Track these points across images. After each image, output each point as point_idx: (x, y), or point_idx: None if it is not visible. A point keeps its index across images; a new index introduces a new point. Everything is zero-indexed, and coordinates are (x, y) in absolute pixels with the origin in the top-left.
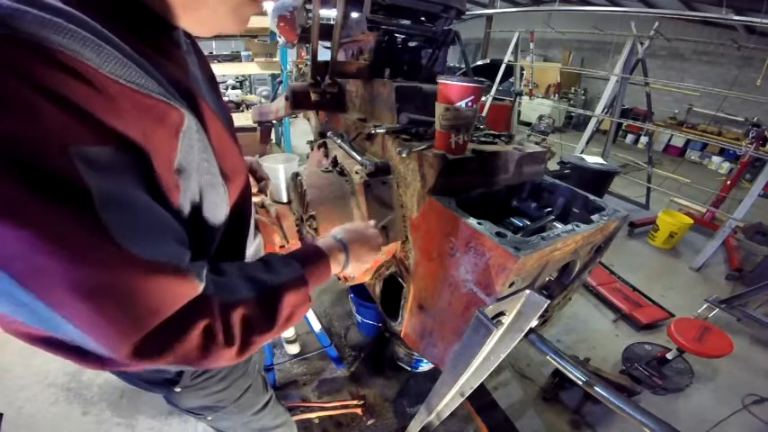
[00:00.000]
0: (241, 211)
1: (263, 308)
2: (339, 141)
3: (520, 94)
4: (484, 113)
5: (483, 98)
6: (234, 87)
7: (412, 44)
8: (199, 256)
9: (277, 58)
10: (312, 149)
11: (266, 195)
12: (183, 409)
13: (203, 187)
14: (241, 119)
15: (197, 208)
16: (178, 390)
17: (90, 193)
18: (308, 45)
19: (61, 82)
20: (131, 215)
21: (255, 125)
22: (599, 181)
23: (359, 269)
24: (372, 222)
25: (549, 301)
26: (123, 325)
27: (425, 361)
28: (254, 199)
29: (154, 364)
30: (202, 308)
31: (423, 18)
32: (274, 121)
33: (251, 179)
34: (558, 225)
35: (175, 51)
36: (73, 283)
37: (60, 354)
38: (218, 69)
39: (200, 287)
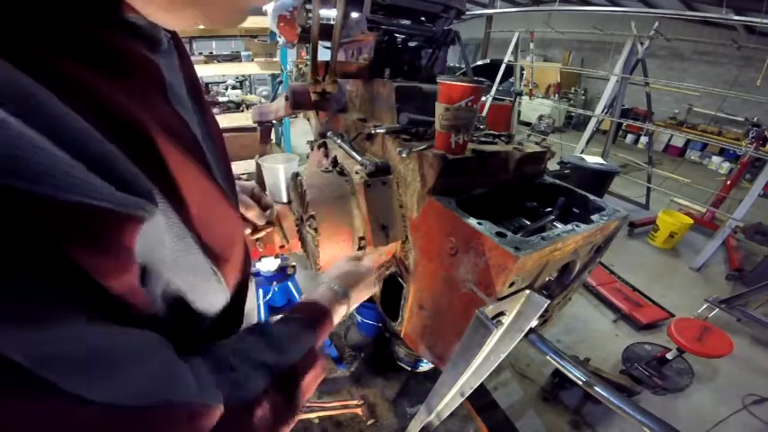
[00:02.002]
0: (240, 288)
1: (283, 395)
2: (339, 141)
3: (520, 94)
4: (484, 113)
5: (483, 98)
6: (234, 87)
7: (412, 44)
8: (187, 341)
9: (277, 58)
10: (312, 149)
11: (273, 224)
12: None
13: (182, 286)
14: (241, 119)
15: (178, 308)
16: None
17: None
18: (308, 45)
19: None
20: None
21: (255, 125)
22: (599, 181)
23: (360, 300)
24: (362, 254)
25: (549, 301)
26: None
27: (425, 361)
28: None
29: None
30: (226, 423)
31: (423, 18)
32: (274, 121)
33: (255, 212)
34: (558, 225)
35: (145, 62)
36: None
37: None
38: (218, 69)
39: (221, 406)
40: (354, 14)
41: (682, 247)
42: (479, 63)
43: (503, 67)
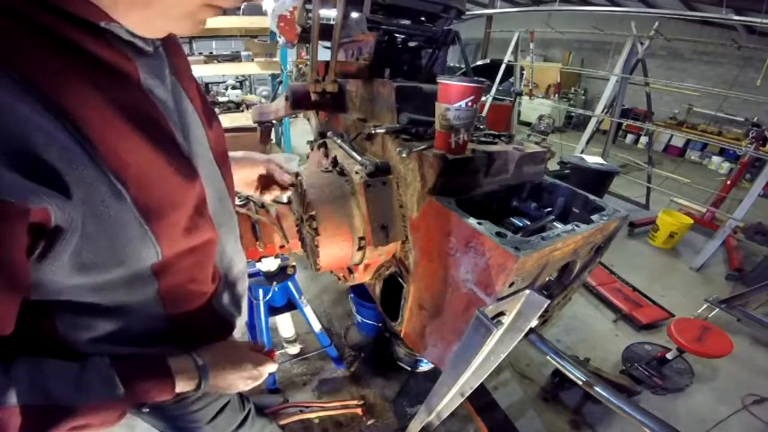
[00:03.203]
0: (198, 262)
1: (33, 426)
2: (339, 141)
3: (520, 94)
4: (484, 113)
5: (483, 98)
6: (234, 87)
7: (412, 44)
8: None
9: (277, 58)
10: (312, 149)
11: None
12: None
13: (98, 237)
14: (241, 119)
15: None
16: (146, 410)
17: None
18: (308, 45)
19: None
20: None
21: (255, 125)
22: (599, 181)
23: (227, 391)
24: (260, 347)
25: (549, 301)
26: None
27: (425, 361)
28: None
29: None
30: None
31: (423, 18)
32: (274, 121)
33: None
34: (558, 225)
35: (121, 62)
36: None
37: None
38: (218, 69)
39: None
40: (354, 14)
41: (682, 247)
42: (479, 63)
43: (503, 67)
